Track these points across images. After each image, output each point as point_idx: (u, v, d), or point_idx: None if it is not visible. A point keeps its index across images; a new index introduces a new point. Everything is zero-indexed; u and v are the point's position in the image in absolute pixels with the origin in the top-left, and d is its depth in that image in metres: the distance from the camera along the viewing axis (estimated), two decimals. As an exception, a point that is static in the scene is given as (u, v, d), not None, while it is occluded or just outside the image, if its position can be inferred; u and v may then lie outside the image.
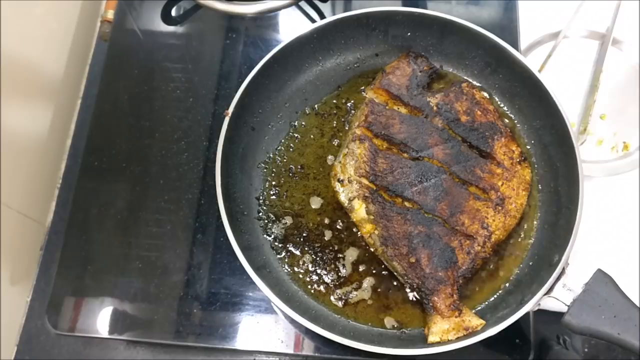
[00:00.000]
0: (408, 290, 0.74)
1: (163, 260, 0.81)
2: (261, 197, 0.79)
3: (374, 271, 0.75)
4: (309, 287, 0.74)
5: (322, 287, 0.74)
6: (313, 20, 0.97)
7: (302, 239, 0.77)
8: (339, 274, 0.75)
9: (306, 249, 0.76)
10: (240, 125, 0.80)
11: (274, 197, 0.79)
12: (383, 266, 0.75)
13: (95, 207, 0.84)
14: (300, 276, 0.75)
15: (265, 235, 0.77)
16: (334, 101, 0.85)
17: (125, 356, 0.78)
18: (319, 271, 0.75)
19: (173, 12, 0.99)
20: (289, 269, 0.76)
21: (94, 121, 0.90)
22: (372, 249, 0.76)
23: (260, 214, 0.79)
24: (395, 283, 0.75)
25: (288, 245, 0.77)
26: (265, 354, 0.78)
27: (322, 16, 0.97)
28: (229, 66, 0.94)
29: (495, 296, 0.74)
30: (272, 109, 0.84)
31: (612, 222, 0.84)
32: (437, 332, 0.68)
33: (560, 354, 0.78)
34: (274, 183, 0.80)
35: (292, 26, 0.98)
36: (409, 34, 0.85)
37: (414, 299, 0.74)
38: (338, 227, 0.78)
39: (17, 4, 0.82)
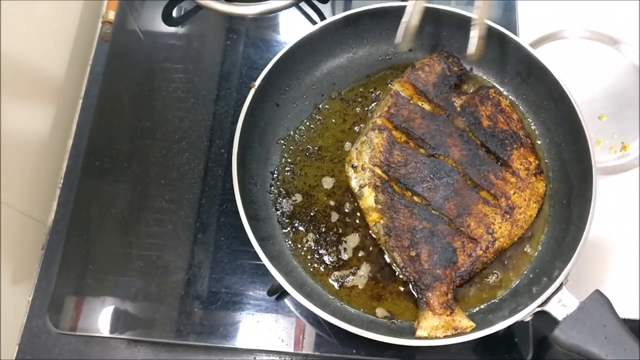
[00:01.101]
0: (403, 282, 0.75)
1: (164, 260, 0.82)
2: (275, 172, 0.83)
3: (373, 260, 0.78)
4: (309, 264, 0.77)
5: (321, 267, 0.77)
6: (313, 22, 0.98)
7: (308, 218, 0.80)
8: (339, 256, 0.78)
9: (311, 227, 0.79)
10: (265, 99, 0.83)
11: (288, 173, 0.82)
12: (383, 256, 0.76)
13: (96, 206, 0.86)
14: (302, 253, 0.78)
15: (273, 209, 0.80)
16: (361, 89, 0.88)
17: (126, 355, 0.80)
18: (320, 251, 0.78)
19: (174, 13, 1.01)
20: (292, 244, 0.79)
21: (95, 121, 0.92)
22: (375, 238, 0.77)
23: (272, 187, 0.82)
24: (392, 274, 0.76)
25: (294, 222, 0.80)
26: (265, 352, 0.79)
27: (322, 17, 0.99)
28: (229, 67, 0.96)
29: (490, 302, 0.75)
30: (299, 89, 0.87)
31: (611, 222, 0.84)
32: (426, 328, 0.70)
33: (560, 354, 0.78)
34: (289, 160, 0.83)
35: (292, 27, 1.01)
36: (444, 33, 0.87)
37: (409, 292, 0.74)
38: (345, 210, 0.80)
39: (18, 4, 0.83)
